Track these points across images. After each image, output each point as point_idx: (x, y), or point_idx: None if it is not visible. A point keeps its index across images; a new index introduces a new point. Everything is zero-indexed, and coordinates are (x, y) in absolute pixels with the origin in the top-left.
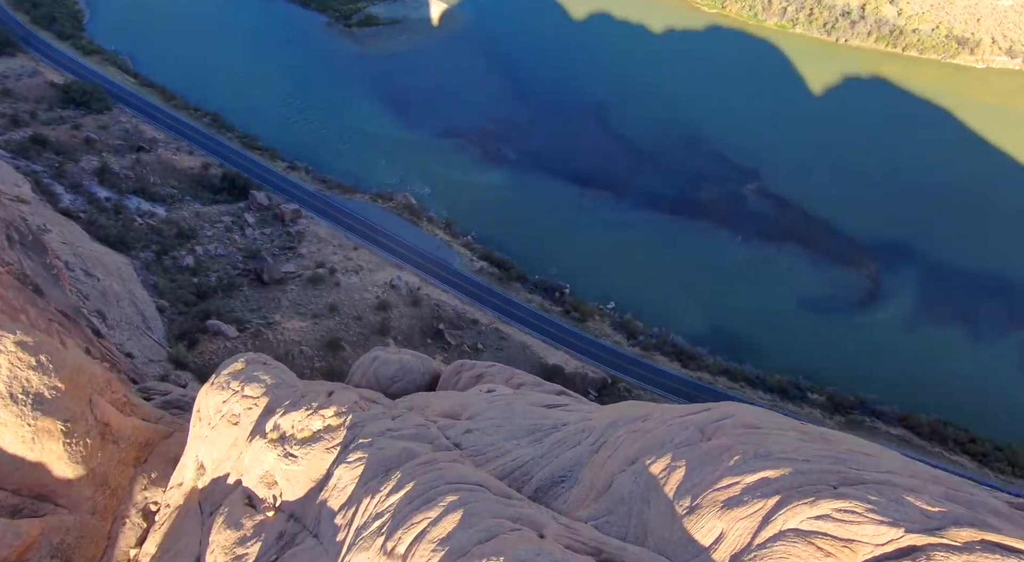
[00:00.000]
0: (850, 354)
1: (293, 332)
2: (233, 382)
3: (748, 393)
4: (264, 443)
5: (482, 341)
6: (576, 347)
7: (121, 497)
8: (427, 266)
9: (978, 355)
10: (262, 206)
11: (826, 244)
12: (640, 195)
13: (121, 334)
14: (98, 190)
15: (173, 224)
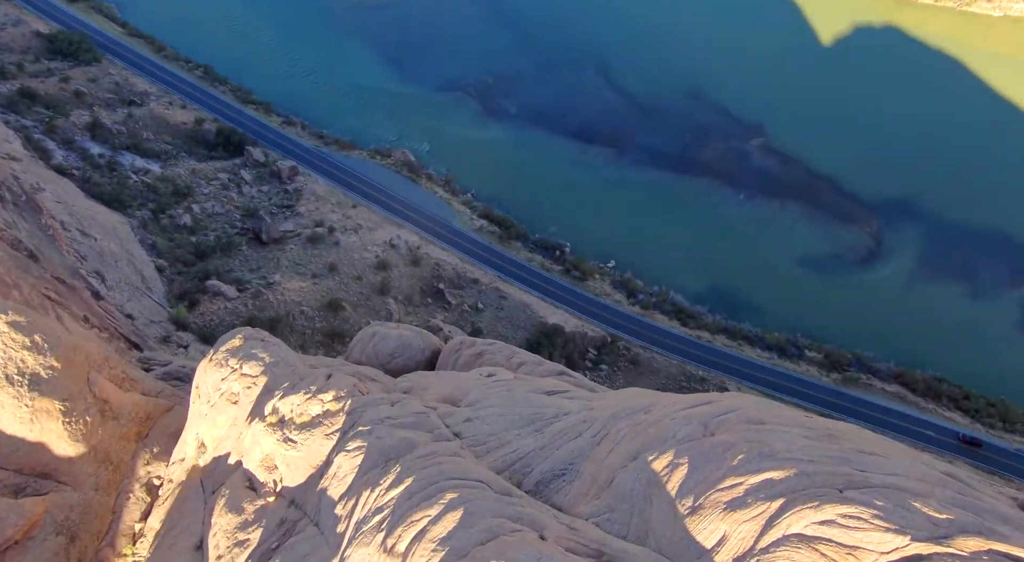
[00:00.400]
0: (849, 312)
1: (293, 292)
2: (231, 359)
3: (746, 351)
4: (263, 426)
5: (482, 300)
6: (576, 306)
7: (124, 472)
8: (427, 225)
9: (977, 312)
10: (258, 163)
11: (829, 201)
12: (642, 152)
13: (121, 295)
14: (91, 146)
15: (169, 181)
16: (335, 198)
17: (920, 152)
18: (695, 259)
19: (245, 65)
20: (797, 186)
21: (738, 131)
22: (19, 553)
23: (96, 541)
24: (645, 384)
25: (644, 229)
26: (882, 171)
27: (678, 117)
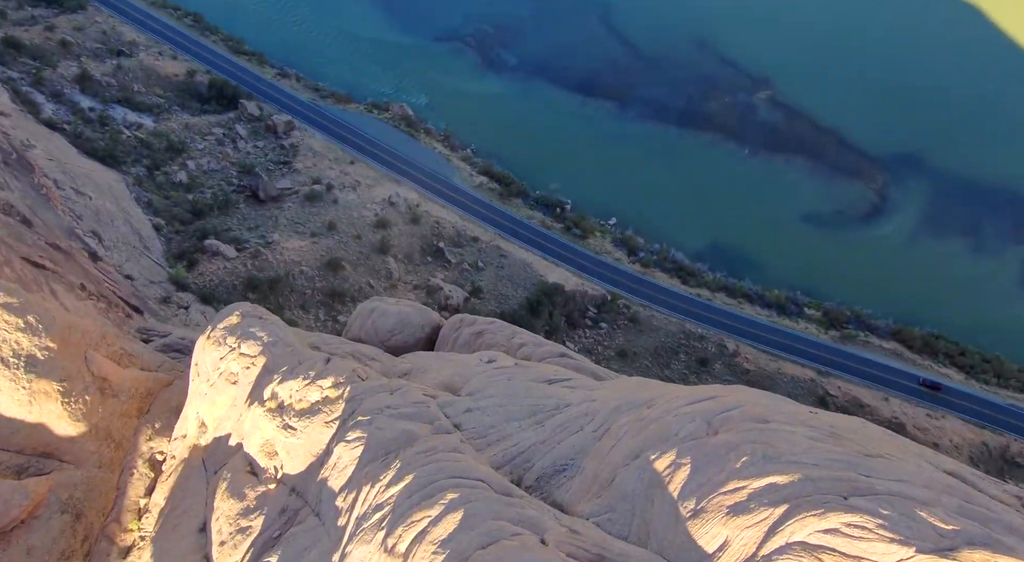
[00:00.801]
0: (851, 269)
1: (292, 252)
2: (229, 338)
3: (746, 308)
4: (263, 411)
5: (483, 259)
6: (576, 264)
7: (127, 448)
8: (426, 181)
9: (978, 268)
10: (253, 117)
11: (835, 156)
12: (645, 105)
13: (119, 255)
14: (81, 99)
15: (162, 136)
16: (332, 154)
17: (930, 105)
18: (697, 216)
19: (236, 13)
20: (803, 141)
21: (744, 83)
22: (25, 532)
23: (102, 517)
24: (645, 342)
25: (646, 185)
26: (890, 125)
27: (683, 68)
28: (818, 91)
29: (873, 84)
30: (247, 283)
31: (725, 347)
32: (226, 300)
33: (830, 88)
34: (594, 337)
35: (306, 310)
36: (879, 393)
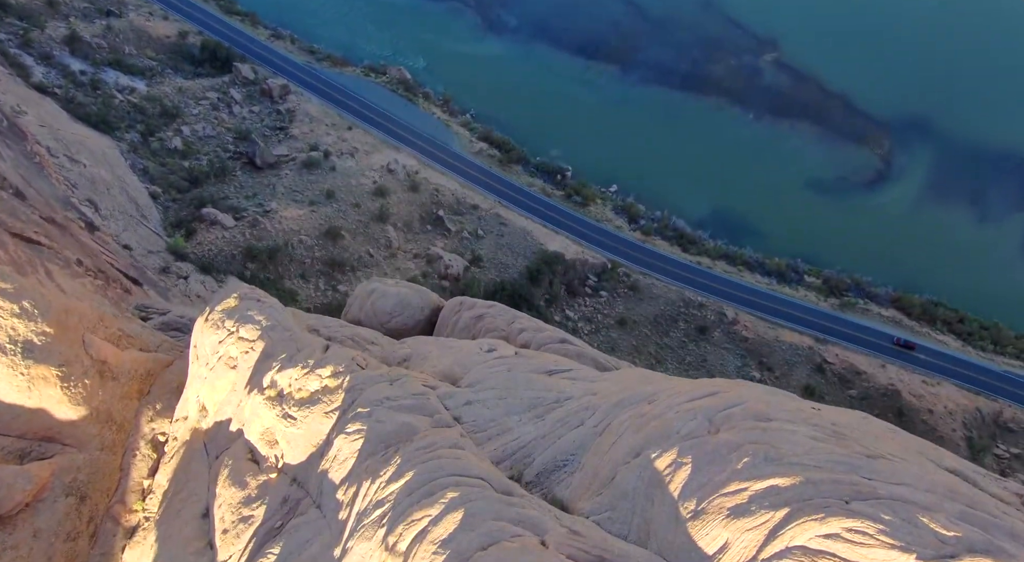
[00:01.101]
0: (853, 236)
1: (291, 221)
2: (227, 321)
3: (746, 276)
4: (262, 399)
5: (482, 227)
6: (577, 232)
7: (128, 430)
8: (425, 148)
9: (981, 235)
10: (248, 80)
11: (841, 121)
12: (649, 68)
13: (116, 225)
14: (71, 61)
15: (156, 101)
16: (329, 119)
17: (939, 68)
18: (699, 182)
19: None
20: (809, 105)
21: (750, 45)
22: (30, 515)
23: (106, 499)
24: (644, 310)
25: (648, 151)
26: (898, 89)
27: (688, 30)
28: (826, 53)
29: (882, 46)
30: (246, 253)
31: (724, 315)
32: (225, 270)
33: (838, 50)
34: (594, 305)
35: (306, 279)
36: (876, 360)
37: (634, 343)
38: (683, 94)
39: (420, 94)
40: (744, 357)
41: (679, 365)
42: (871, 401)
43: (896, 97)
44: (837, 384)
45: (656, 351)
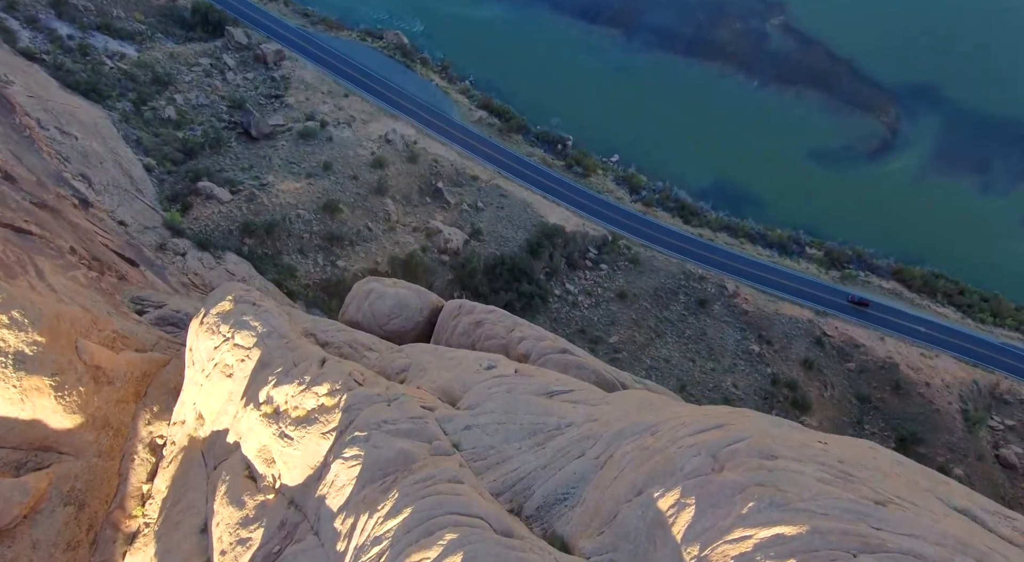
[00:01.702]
0: (856, 207)
1: (288, 194)
2: (223, 326)
3: (747, 249)
4: (258, 416)
5: (482, 199)
6: (578, 203)
7: (126, 435)
8: (423, 116)
9: (985, 206)
10: (241, 45)
11: (848, 88)
12: (653, 32)
13: (111, 200)
14: (58, 25)
15: (147, 68)
16: (325, 86)
17: (949, 35)
18: (702, 151)
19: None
20: (815, 71)
21: (757, 7)
22: (29, 527)
23: (106, 505)
24: (645, 283)
25: (651, 119)
26: (906, 56)
27: None
28: (834, 17)
29: (891, 11)
30: (243, 228)
31: (725, 288)
32: (223, 246)
33: (846, 14)
34: (594, 279)
35: (304, 255)
36: (875, 332)
37: (634, 317)
38: (687, 60)
39: (418, 60)
40: (744, 330)
41: (678, 339)
42: (869, 374)
43: (904, 64)
44: (836, 357)
45: (656, 325)
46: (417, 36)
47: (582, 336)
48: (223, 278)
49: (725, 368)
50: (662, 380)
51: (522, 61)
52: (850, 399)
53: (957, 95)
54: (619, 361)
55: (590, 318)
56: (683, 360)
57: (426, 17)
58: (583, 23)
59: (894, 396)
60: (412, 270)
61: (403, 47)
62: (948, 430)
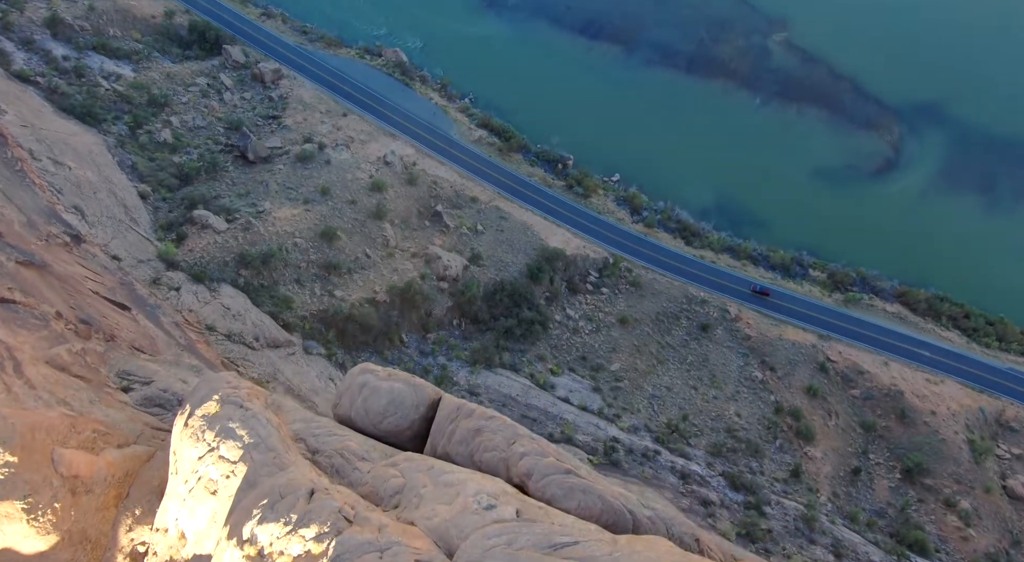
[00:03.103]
0: (860, 227)
1: (285, 222)
2: (208, 432)
3: (750, 271)
4: (241, 557)
5: (482, 221)
6: (578, 225)
7: (105, 545)
8: (422, 135)
9: (990, 226)
10: (238, 64)
11: (851, 106)
12: (654, 49)
13: (104, 232)
14: (53, 46)
15: (143, 89)
16: (324, 105)
17: (953, 51)
18: (704, 170)
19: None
20: (818, 88)
21: (759, 24)
22: None
23: None
24: (646, 308)
25: (652, 137)
26: (910, 72)
27: (694, 7)
28: (837, 34)
29: (894, 28)
30: (239, 259)
31: (727, 312)
32: (218, 278)
33: (849, 31)
34: (595, 303)
35: (301, 284)
36: (879, 357)
37: (635, 343)
38: (688, 77)
39: (417, 78)
40: (746, 356)
41: (680, 365)
42: (874, 401)
43: (907, 82)
44: (840, 384)
45: (657, 351)
46: (416, 53)
47: (583, 363)
48: (217, 314)
49: (728, 396)
50: (665, 409)
51: (522, 78)
52: (855, 428)
53: (961, 113)
54: (621, 390)
55: (591, 344)
56: (685, 388)
57: (425, 34)
58: (583, 39)
59: (899, 424)
60: (411, 299)
61: (402, 65)
62: (954, 461)
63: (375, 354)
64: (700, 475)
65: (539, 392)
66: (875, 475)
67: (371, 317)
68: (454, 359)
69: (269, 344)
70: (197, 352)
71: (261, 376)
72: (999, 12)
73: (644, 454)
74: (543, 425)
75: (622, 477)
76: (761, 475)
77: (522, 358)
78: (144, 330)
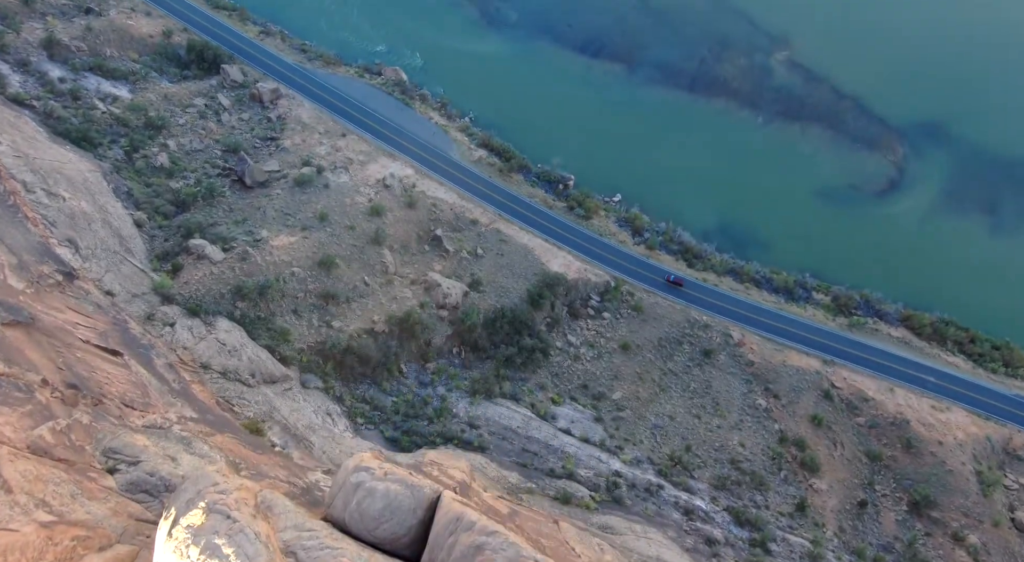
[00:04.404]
0: (863, 248)
1: (282, 251)
2: (192, 546)
3: (753, 294)
4: None
5: (482, 245)
6: (580, 247)
7: None
8: (422, 156)
9: (995, 248)
10: (236, 84)
11: (854, 125)
12: (655, 67)
13: (98, 265)
14: (49, 67)
15: (140, 111)
16: (322, 125)
17: (957, 71)
18: (706, 190)
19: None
20: (821, 107)
21: (761, 42)
22: None
23: None
24: (648, 333)
25: (653, 156)
26: (914, 91)
27: (696, 25)
28: (840, 52)
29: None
30: (236, 291)
31: (730, 336)
32: (214, 310)
33: (852, 49)
34: (596, 328)
35: (299, 315)
36: (884, 383)
37: (637, 370)
38: (690, 96)
39: (417, 97)
40: (750, 382)
41: (683, 392)
42: (879, 429)
43: (911, 101)
44: (844, 411)
45: (660, 378)
46: (416, 71)
47: (584, 392)
48: (212, 350)
49: (731, 425)
50: (667, 440)
51: (523, 96)
52: (860, 458)
53: (965, 133)
54: (623, 420)
55: (592, 372)
56: (688, 416)
57: (425, 51)
58: (584, 58)
59: (905, 454)
60: (410, 328)
61: (402, 83)
62: (962, 493)
63: (373, 385)
64: (704, 511)
65: (540, 423)
66: (882, 507)
67: (369, 348)
68: (454, 389)
69: (266, 380)
70: (191, 396)
71: (257, 415)
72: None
73: (647, 489)
74: (544, 459)
75: (625, 515)
76: (766, 509)
77: (523, 387)
78: (136, 378)
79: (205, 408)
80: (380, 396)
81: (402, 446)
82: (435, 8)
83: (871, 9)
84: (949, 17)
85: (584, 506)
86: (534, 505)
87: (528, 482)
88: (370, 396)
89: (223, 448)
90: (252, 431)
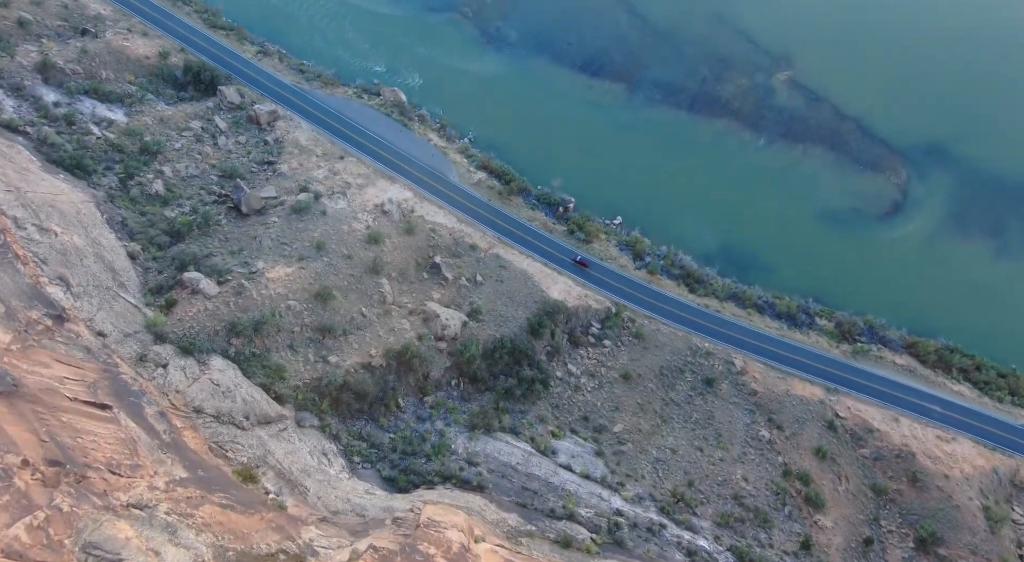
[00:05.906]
0: (866, 272)
1: (278, 283)
2: None
3: (755, 321)
4: None
5: (481, 271)
6: (580, 272)
7: None
8: (421, 178)
9: (1000, 271)
10: (233, 105)
11: (857, 147)
12: (656, 88)
13: (90, 304)
14: (44, 91)
15: (136, 135)
16: (320, 148)
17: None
18: (707, 212)
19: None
20: (823, 128)
21: (763, 62)
22: None
23: None
24: (649, 361)
25: (655, 179)
26: (917, 112)
27: (697, 44)
28: (842, 72)
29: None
30: (230, 328)
31: (733, 364)
32: (208, 348)
33: (855, 69)
34: (597, 357)
35: (295, 351)
36: (889, 413)
37: (638, 400)
38: (691, 116)
39: (416, 118)
40: (753, 413)
41: (685, 423)
42: (884, 462)
43: (914, 123)
44: (849, 442)
45: (661, 408)
46: (415, 90)
47: (585, 425)
48: (206, 392)
49: (734, 458)
50: (669, 474)
51: (523, 117)
52: (865, 492)
53: (969, 155)
54: (624, 454)
55: (593, 403)
56: (690, 449)
57: (423, 70)
58: (585, 77)
59: (911, 489)
60: (408, 361)
61: (400, 105)
62: (970, 530)
63: (371, 421)
64: (707, 551)
65: (540, 459)
66: (887, 544)
67: (367, 383)
68: (452, 423)
69: (260, 421)
70: (182, 447)
71: (251, 460)
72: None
73: (649, 529)
74: (544, 498)
75: (626, 559)
76: (770, 547)
77: (522, 420)
78: (125, 433)
79: (196, 462)
80: (377, 432)
81: (399, 486)
82: (434, 27)
83: (873, 29)
84: (953, 38)
85: (585, 550)
86: (534, 550)
87: (528, 524)
88: (367, 433)
89: (211, 525)
90: (245, 478)
